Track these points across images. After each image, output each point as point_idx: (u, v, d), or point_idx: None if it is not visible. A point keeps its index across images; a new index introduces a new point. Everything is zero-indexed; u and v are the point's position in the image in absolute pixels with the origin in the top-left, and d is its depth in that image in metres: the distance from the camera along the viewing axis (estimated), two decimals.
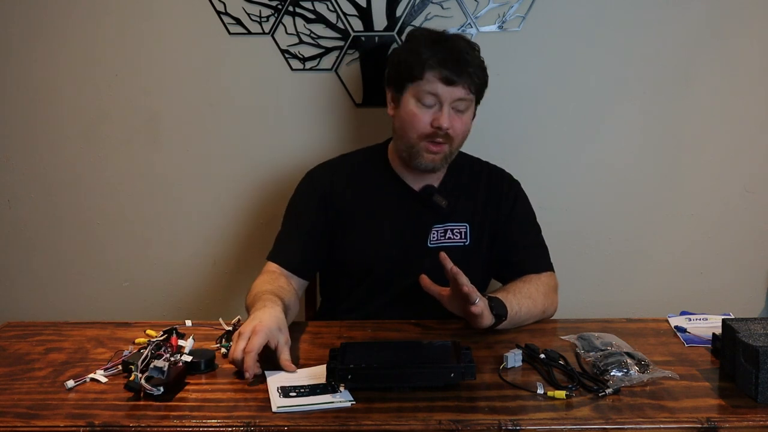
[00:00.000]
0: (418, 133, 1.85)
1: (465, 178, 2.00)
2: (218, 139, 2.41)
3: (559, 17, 2.32)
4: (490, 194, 1.99)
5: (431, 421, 1.34)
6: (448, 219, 1.95)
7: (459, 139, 1.89)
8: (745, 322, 1.52)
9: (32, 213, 2.47)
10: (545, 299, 1.86)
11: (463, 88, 1.83)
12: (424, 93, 1.84)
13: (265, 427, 1.33)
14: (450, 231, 1.95)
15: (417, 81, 1.84)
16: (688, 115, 2.38)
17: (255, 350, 1.49)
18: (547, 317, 1.89)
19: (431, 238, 1.94)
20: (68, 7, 2.34)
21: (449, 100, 1.83)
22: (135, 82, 2.38)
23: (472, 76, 1.84)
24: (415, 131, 1.86)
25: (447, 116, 1.83)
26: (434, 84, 1.82)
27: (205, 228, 2.47)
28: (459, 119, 1.86)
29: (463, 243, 1.95)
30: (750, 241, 2.45)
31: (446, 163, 1.91)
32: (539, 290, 1.86)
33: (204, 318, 1.87)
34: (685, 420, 1.35)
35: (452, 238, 1.95)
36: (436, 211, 1.94)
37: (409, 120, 1.86)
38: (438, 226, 1.94)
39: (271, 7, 2.32)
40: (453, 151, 1.90)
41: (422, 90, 1.84)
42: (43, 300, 2.50)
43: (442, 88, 1.82)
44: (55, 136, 2.42)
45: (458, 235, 1.95)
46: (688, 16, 2.32)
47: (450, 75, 1.81)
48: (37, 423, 1.36)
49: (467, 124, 1.90)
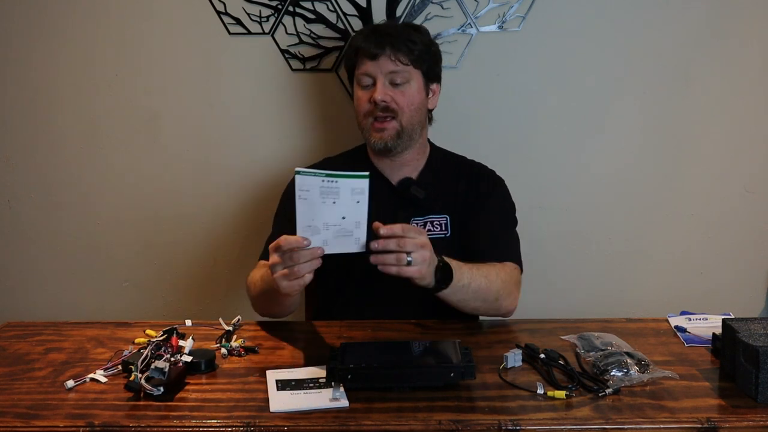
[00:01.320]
0: (362, 114, 1.93)
1: (445, 170, 2.01)
2: (218, 139, 2.41)
3: (559, 17, 2.32)
4: (470, 187, 1.99)
5: (431, 421, 1.34)
6: (428, 211, 1.95)
7: (407, 113, 1.91)
8: (745, 322, 1.52)
9: (32, 213, 2.47)
10: (502, 285, 1.79)
11: (390, 59, 1.89)
12: (360, 75, 1.93)
13: (265, 427, 1.33)
14: (430, 223, 1.94)
15: (354, 67, 1.95)
16: (688, 115, 2.38)
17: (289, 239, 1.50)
18: (504, 311, 1.83)
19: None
20: (68, 7, 2.34)
21: (381, 74, 1.89)
22: (135, 82, 2.38)
23: (398, 46, 1.89)
24: (360, 113, 1.94)
25: (380, 89, 1.89)
26: (363, 62, 1.91)
27: (205, 228, 2.47)
28: (400, 93, 1.90)
29: (444, 234, 1.94)
30: (750, 241, 2.45)
31: (400, 139, 1.92)
32: (499, 277, 1.79)
33: (204, 318, 1.87)
34: (685, 420, 1.35)
35: (432, 230, 1.94)
36: (415, 202, 1.94)
37: (356, 105, 1.96)
38: (418, 219, 1.94)
39: (271, 7, 2.32)
40: (405, 126, 1.91)
41: (358, 73, 1.93)
42: (43, 300, 2.50)
43: (369, 64, 1.90)
44: (55, 136, 2.42)
45: (439, 226, 1.95)
46: (688, 16, 2.32)
47: (371, 48, 1.89)
48: (36, 423, 1.36)
49: (411, 96, 1.91)
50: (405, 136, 1.92)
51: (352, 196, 1.54)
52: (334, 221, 1.54)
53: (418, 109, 1.94)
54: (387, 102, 1.89)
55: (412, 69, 1.91)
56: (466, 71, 2.33)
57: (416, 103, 1.93)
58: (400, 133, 1.91)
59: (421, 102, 1.95)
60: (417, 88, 1.93)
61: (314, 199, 1.51)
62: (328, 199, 1.52)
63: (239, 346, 1.66)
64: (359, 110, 1.95)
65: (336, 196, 1.52)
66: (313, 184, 1.50)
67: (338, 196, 1.52)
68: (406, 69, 1.90)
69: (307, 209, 1.51)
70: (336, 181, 1.51)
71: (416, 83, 1.93)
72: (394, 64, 1.89)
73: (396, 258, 1.56)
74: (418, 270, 1.57)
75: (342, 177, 1.52)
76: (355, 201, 1.54)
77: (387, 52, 1.89)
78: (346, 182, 1.52)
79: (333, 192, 1.52)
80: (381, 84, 1.90)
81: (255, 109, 2.39)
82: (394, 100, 1.90)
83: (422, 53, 1.93)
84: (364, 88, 1.93)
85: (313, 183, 1.50)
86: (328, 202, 1.52)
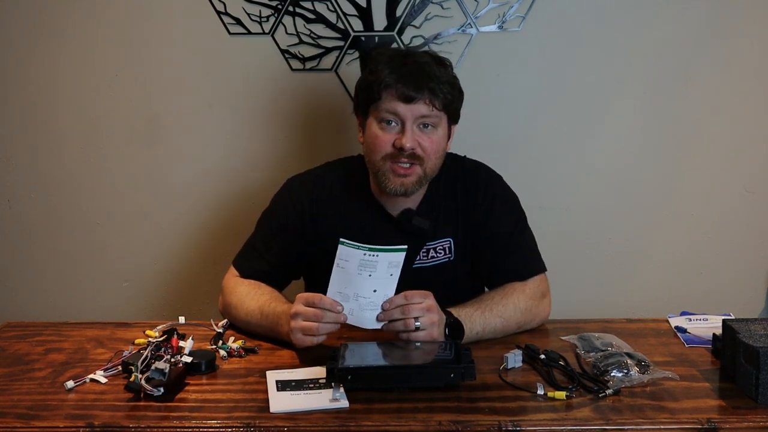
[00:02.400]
0: (381, 155, 1.76)
1: (442, 191, 1.89)
2: (218, 139, 2.41)
3: (559, 17, 2.32)
4: (467, 198, 1.89)
5: (431, 422, 1.34)
6: (431, 238, 1.86)
7: (432, 160, 1.78)
8: (745, 322, 1.52)
9: (32, 213, 2.47)
10: (523, 315, 1.77)
11: (425, 104, 1.73)
12: (384, 113, 1.75)
13: (265, 428, 1.33)
14: (433, 250, 1.87)
15: (376, 102, 1.76)
16: (687, 115, 2.38)
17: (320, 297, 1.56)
18: (535, 325, 1.82)
19: (415, 259, 1.86)
20: (68, 7, 2.34)
21: (411, 118, 1.74)
22: (135, 82, 2.38)
23: (435, 92, 1.74)
24: (378, 153, 1.77)
25: (410, 136, 1.73)
26: (393, 103, 1.74)
27: (205, 228, 2.47)
28: (427, 138, 1.76)
29: (447, 258, 1.87)
30: (750, 241, 2.45)
31: (420, 186, 1.81)
32: (518, 308, 1.76)
33: (204, 318, 1.87)
34: (686, 421, 1.35)
35: (436, 257, 1.87)
36: (418, 234, 1.84)
37: (372, 143, 1.78)
38: (425, 247, 1.87)
39: (271, 7, 2.32)
40: (427, 173, 1.79)
41: (382, 110, 1.75)
42: (43, 300, 2.50)
43: (401, 106, 1.73)
44: (55, 136, 2.42)
45: (442, 252, 1.87)
46: (688, 16, 2.32)
47: (408, 92, 1.72)
48: (36, 424, 1.36)
49: (438, 143, 1.78)
50: (425, 181, 1.81)
51: (387, 269, 1.58)
52: (366, 293, 1.59)
53: (442, 156, 1.82)
54: (414, 149, 1.74)
55: (443, 113, 1.77)
56: (466, 71, 2.32)
57: (441, 150, 1.80)
58: (421, 179, 1.78)
59: (445, 147, 1.82)
60: (443, 133, 1.80)
61: (351, 270, 1.57)
62: (364, 271, 1.57)
63: (239, 347, 1.66)
64: (376, 150, 1.77)
65: (373, 269, 1.57)
66: (353, 256, 1.56)
67: (375, 269, 1.57)
68: (438, 114, 1.76)
69: (342, 277, 1.58)
70: (376, 255, 1.56)
71: (443, 128, 1.79)
72: (429, 108, 1.74)
73: (403, 324, 1.59)
74: (427, 334, 1.60)
75: (382, 251, 1.56)
76: (389, 274, 1.58)
77: (424, 97, 1.73)
78: (385, 256, 1.57)
79: (371, 265, 1.57)
80: (410, 129, 1.74)
81: (255, 109, 2.39)
82: (421, 146, 1.74)
83: (453, 98, 1.78)
84: (386, 126, 1.76)
85: (354, 255, 1.56)
86: (364, 274, 1.57)
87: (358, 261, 1.56)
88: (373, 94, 1.76)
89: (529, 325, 1.80)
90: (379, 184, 1.81)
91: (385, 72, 1.75)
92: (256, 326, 1.75)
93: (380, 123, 1.77)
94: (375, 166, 1.80)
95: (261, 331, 1.74)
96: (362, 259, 1.56)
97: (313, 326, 1.56)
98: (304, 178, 1.95)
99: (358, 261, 1.56)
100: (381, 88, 1.74)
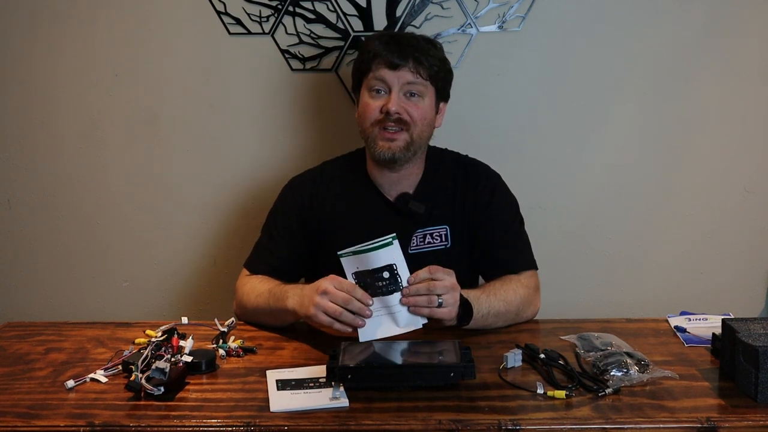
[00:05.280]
0: (370, 121, 1.86)
1: (441, 179, 1.96)
2: (218, 139, 2.41)
3: (559, 17, 2.32)
4: (466, 192, 1.95)
5: (431, 421, 1.34)
6: (427, 224, 1.92)
7: (419, 127, 1.86)
8: (744, 322, 1.52)
9: (32, 213, 2.47)
10: (521, 302, 1.83)
11: (410, 71, 1.83)
12: (372, 81, 1.86)
13: (265, 427, 1.34)
14: (429, 235, 1.92)
15: (367, 72, 1.87)
16: (688, 115, 2.38)
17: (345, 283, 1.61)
18: (529, 316, 1.87)
19: (411, 244, 1.90)
20: (68, 7, 2.34)
21: (397, 84, 1.84)
22: (135, 82, 2.38)
23: (420, 60, 1.84)
24: (368, 120, 1.87)
25: (395, 100, 1.83)
26: (380, 70, 1.85)
27: (205, 228, 2.47)
28: (414, 105, 1.85)
29: (444, 246, 1.92)
30: (750, 241, 2.45)
31: (408, 152, 1.87)
32: (517, 294, 1.82)
33: (205, 318, 1.87)
34: (685, 420, 1.35)
35: (432, 243, 1.92)
36: (415, 218, 1.90)
37: (362, 111, 1.89)
38: (418, 232, 1.91)
39: (271, 7, 2.32)
40: (414, 140, 1.86)
41: (371, 78, 1.86)
42: (43, 300, 2.50)
43: (387, 72, 1.84)
44: (54, 136, 2.42)
45: (438, 238, 1.92)
46: (688, 16, 2.32)
47: (393, 58, 1.83)
48: (37, 423, 1.36)
49: (424, 111, 1.87)
50: (412, 149, 1.87)
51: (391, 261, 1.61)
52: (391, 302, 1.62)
53: (429, 125, 1.90)
54: (400, 113, 1.84)
55: (429, 84, 1.87)
56: (466, 71, 2.33)
57: (428, 118, 1.88)
58: (408, 145, 1.86)
59: (431, 118, 1.90)
60: (429, 103, 1.88)
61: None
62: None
63: (238, 347, 1.66)
64: (366, 117, 1.87)
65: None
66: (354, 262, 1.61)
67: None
68: (423, 83, 1.85)
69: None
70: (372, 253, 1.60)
71: (429, 99, 1.88)
72: (414, 76, 1.84)
73: (427, 300, 1.62)
74: (449, 311, 1.64)
75: (374, 249, 1.59)
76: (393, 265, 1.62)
77: (409, 64, 1.83)
78: (379, 254, 1.59)
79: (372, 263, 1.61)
80: (396, 94, 1.84)
81: (255, 109, 2.39)
82: (407, 111, 1.84)
83: (440, 70, 1.89)
84: (375, 95, 1.86)
85: (355, 261, 1.61)
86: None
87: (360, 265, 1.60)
88: (363, 65, 1.89)
89: (524, 315, 1.85)
90: (371, 153, 1.89)
91: (374, 44, 1.88)
92: (264, 306, 1.78)
93: (370, 92, 1.88)
94: (365, 133, 1.89)
95: (268, 310, 1.78)
96: (361, 262, 1.59)
97: (337, 310, 1.59)
98: (304, 176, 2.03)
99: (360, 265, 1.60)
100: (371, 57, 1.86)
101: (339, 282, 1.61)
